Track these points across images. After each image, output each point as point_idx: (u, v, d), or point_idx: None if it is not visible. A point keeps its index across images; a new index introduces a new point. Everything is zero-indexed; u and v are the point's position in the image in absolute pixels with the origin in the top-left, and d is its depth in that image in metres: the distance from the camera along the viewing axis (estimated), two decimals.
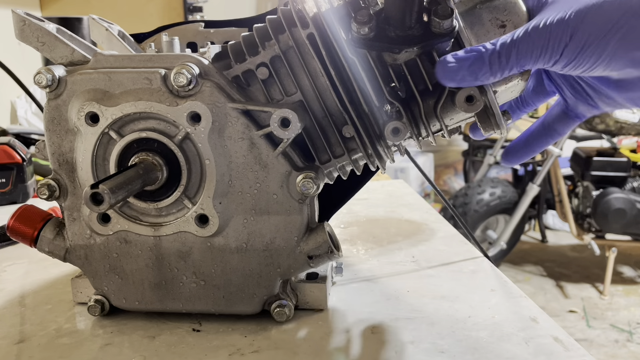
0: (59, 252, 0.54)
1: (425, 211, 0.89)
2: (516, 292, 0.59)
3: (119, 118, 0.48)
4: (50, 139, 0.51)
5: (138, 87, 0.48)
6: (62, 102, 0.50)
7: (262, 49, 0.48)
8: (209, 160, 0.49)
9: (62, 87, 0.49)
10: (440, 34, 0.44)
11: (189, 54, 0.49)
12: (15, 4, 1.94)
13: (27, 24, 0.50)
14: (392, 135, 0.47)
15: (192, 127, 0.48)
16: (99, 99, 0.48)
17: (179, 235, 0.51)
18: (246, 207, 0.50)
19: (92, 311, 0.54)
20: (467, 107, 0.45)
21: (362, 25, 0.44)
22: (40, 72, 0.48)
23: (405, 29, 0.44)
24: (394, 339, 0.50)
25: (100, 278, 0.53)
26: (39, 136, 1.51)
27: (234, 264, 0.52)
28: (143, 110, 0.48)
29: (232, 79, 0.49)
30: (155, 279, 0.53)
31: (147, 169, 0.47)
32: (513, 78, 0.47)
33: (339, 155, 0.50)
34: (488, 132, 0.48)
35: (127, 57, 0.50)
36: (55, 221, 0.54)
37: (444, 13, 0.43)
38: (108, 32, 0.60)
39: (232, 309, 0.53)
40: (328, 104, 0.49)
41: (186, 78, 0.46)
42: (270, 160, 0.49)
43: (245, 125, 0.48)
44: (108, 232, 0.52)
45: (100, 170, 0.51)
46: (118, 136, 0.49)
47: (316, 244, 0.51)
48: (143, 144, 0.49)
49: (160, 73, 0.48)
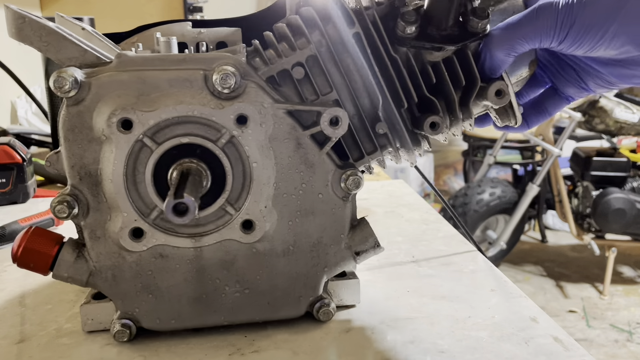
0: (81, 276, 0.48)
1: (425, 211, 0.89)
2: (516, 292, 0.59)
3: (156, 124, 0.45)
4: (70, 149, 0.45)
5: (177, 90, 0.45)
6: (85, 109, 0.45)
7: (298, 48, 0.48)
8: (257, 163, 0.47)
9: (84, 91, 0.44)
10: (476, 33, 0.47)
11: (225, 54, 0.46)
12: (15, 3, 1.94)
13: (28, 21, 0.44)
14: (430, 129, 0.48)
15: (239, 130, 0.46)
16: (133, 103, 0.44)
17: (222, 244, 0.49)
18: (291, 208, 0.49)
19: (119, 337, 0.49)
20: (497, 101, 0.48)
21: (409, 25, 0.46)
22: (62, 76, 0.43)
23: (446, 28, 0.47)
24: (394, 339, 0.50)
25: (131, 299, 0.49)
26: (39, 136, 1.51)
27: (280, 267, 0.50)
28: (184, 114, 0.45)
29: (267, 80, 0.48)
30: (195, 293, 0.50)
31: (196, 177, 0.44)
32: (523, 73, 0.51)
33: (371, 152, 0.51)
34: (504, 123, 0.52)
35: (158, 58, 0.46)
36: (73, 242, 0.49)
37: (482, 14, 0.47)
38: (86, 31, 0.53)
39: (276, 315, 0.52)
40: (362, 101, 0.49)
41: (234, 79, 0.44)
42: (317, 159, 0.48)
43: (291, 125, 0.47)
44: (141, 248, 0.48)
45: (130, 182, 0.46)
46: (153, 143, 0.45)
47: (363, 239, 0.51)
48: (183, 151, 0.46)
49: (202, 74, 0.45)
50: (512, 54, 0.47)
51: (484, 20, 0.47)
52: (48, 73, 1.17)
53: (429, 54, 0.49)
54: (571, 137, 2.98)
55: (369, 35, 0.48)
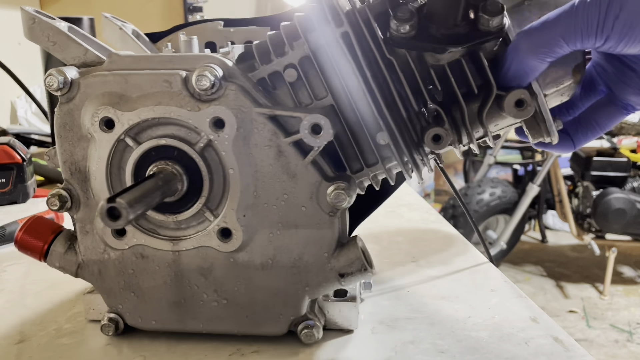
0: (71, 267, 0.50)
1: (425, 211, 0.89)
2: (516, 292, 0.59)
3: (136, 124, 0.45)
4: (62, 146, 0.47)
5: (157, 91, 0.44)
6: (75, 107, 0.46)
7: (290, 49, 0.44)
8: (233, 170, 0.45)
9: (74, 90, 0.46)
10: (488, 32, 0.41)
11: (211, 55, 0.45)
12: (15, 3, 1.95)
13: (37, 22, 0.46)
14: (433, 143, 0.43)
15: (215, 134, 0.44)
16: (115, 103, 0.45)
17: (199, 250, 0.47)
18: (272, 220, 0.46)
19: (105, 330, 0.50)
20: (517, 113, 0.41)
21: (402, 23, 0.41)
22: (52, 74, 0.45)
23: (450, 26, 0.41)
24: (394, 339, 0.50)
25: (115, 296, 0.50)
26: (39, 136, 1.51)
27: (259, 281, 0.48)
28: (162, 116, 0.44)
29: (258, 82, 0.45)
30: (174, 297, 0.49)
31: (166, 179, 0.44)
32: (565, 80, 0.43)
33: (372, 164, 0.46)
34: (537, 139, 0.45)
35: (145, 58, 0.46)
36: (67, 234, 0.51)
37: (494, 9, 0.40)
38: (122, 31, 0.56)
39: (256, 330, 0.49)
40: (361, 108, 0.45)
41: (209, 81, 0.42)
42: (299, 169, 0.45)
43: (272, 131, 0.44)
44: (123, 246, 0.48)
45: (115, 180, 0.47)
46: (135, 143, 0.45)
47: (348, 261, 0.46)
48: (162, 152, 0.45)
49: (181, 75, 0.44)
50: (547, 59, 0.40)
51: (496, 17, 0.40)
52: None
53: (431, 57, 0.43)
54: None
55: (359, 35, 0.43)
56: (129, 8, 2.88)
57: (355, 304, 0.51)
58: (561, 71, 0.42)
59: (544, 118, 0.42)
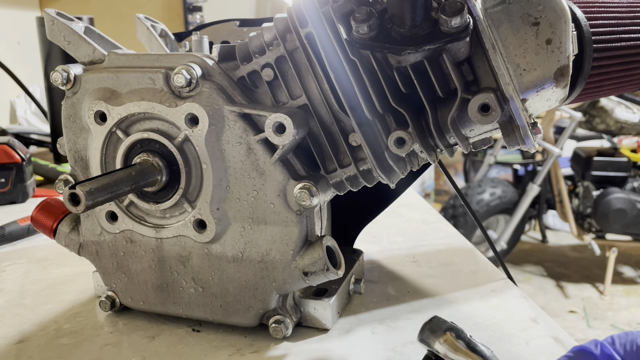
0: (74, 246, 0.55)
1: (425, 211, 0.89)
2: (516, 292, 0.59)
3: (124, 117, 0.48)
4: (67, 135, 0.52)
5: (142, 87, 0.48)
6: (77, 100, 0.50)
7: (268, 49, 0.46)
8: (206, 165, 0.47)
9: (77, 85, 0.50)
10: (449, 33, 0.39)
11: (194, 54, 0.47)
12: (15, 3, 1.94)
13: (55, 23, 0.51)
14: (396, 146, 0.43)
15: (190, 130, 0.47)
16: (107, 97, 0.49)
17: (178, 239, 0.50)
18: (244, 215, 0.48)
19: (102, 306, 0.54)
20: (482, 118, 0.40)
21: (360, 24, 0.40)
22: (57, 70, 0.49)
23: (409, 27, 0.40)
24: (394, 339, 0.50)
25: (110, 275, 0.54)
26: (38, 136, 1.51)
27: (231, 273, 0.50)
28: (146, 111, 0.48)
29: (238, 80, 0.47)
30: (158, 281, 0.52)
31: (142, 170, 0.47)
32: (546, 85, 0.40)
33: (346, 165, 0.46)
34: (513, 147, 0.43)
35: (138, 57, 0.49)
36: (73, 216, 0.55)
37: (452, 9, 0.38)
38: (149, 31, 0.61)
39: (229, 319, 0.51)
40: (334, 109, 0.45)
41: (185, 79, 0.45)
42: (267, 167, 0.46)
43: (243, 129, 0.46)
44: (115, 230, 0.52)
45: (110, 168, 0.51)
46: (124, 135, 0.49)
47: (312, 260, 0.47)
48: (146, 145, 0.49)
49: (163, 73, 0.47)
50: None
51: (454, 18, 0.38)
52: (47, 73, 1.17)
53: (392, 59, 0.41)
54: (572, 137, 2.99)
55: (323, 36, 0.43)
56: (128, 8, 2.88)
57: (330, 303, 0.51)
58: (541, 74, 0.40)
59: (518, 124, 0.41)
